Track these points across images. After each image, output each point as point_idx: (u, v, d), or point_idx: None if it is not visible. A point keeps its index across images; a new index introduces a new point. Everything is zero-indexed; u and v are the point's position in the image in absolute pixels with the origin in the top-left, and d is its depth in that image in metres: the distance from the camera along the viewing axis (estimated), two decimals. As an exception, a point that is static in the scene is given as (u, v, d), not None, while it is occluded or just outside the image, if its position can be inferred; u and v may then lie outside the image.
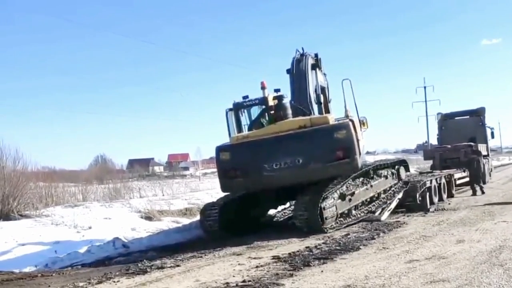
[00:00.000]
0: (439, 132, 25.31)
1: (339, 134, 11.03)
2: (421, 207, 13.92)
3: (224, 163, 11.48)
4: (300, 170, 10.96)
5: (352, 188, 11.82)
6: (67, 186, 23.85)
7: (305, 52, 12.85)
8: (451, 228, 10.38)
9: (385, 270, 6.73)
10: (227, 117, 12.62)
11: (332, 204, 10.89)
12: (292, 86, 12.59)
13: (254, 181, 11.23)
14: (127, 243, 11.32)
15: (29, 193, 17.40)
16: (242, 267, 7.58)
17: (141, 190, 26.32)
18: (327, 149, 11.00)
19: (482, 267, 6.51)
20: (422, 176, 16.75)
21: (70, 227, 13.70)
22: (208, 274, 7.26)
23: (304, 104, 12.18)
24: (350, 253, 8.17)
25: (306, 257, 7.95)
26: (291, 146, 11.04)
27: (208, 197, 18.73)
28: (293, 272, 6.92)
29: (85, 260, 10.02)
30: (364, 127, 13.15)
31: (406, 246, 8.55)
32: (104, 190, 24.32)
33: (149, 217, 15.87)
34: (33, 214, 15.74)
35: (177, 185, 30.87)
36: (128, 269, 8.11)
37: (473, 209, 13.57)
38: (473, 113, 24.71)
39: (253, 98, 12.52)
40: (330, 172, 11.12)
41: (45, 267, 9.69)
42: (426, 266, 6.82)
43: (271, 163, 11.02)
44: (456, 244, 8.39)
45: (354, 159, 11.09)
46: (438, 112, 26.88)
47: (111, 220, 14.96)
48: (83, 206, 17.67)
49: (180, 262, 8.52)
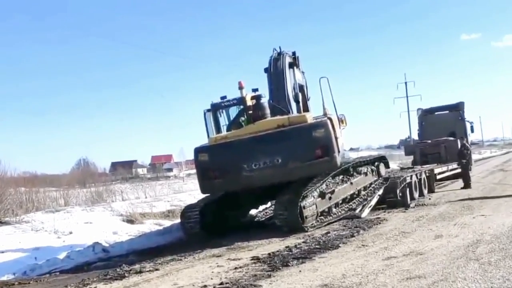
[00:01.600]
0: (420, 128, 25.44)
1: (317, 132, 11.06)
2: (401, 203, 13.99)
3: (203, 164, 11.45)
4: (279, 169, 10.96)
5: (332, 186, 11.84)
6: (48, 190, 23.58)
7: (282, 51, 12.81)
8: (430, 223, 10.47)
9: (362, 268, 6.76)
10: (205, 118, 12.59)
11: (312, 202, 10.91)
12: (270, 85, 12.55)
13: (233, 181, 11.20)
14: (108, 247, 11.21)
15: (8, 199, 17.16)
16: (220, 269, 7.56)
17: (123, 193, 26.07)
18: (306, 148, 11.01)
19: (458, 262, 6.57)
20: (402, 171, 16.86)
21: (51, 233, 13.51)
22: (187, 277, 7.23)
23: (282, 103, 12.14)
24: (329, 252, 8.19)
25: (285, 257, 7.94)
26: (269, 145, 11.04)
27: (191, 198, 18.59)
28: (271, 273, 6.91)
29: (64, 266, 9.89)
30: (343, 124, 13.20)
31: (384, 243, 8.60)
32: (86, 194, 24.08)
33: (131, 220, 15.70)
34: (12, 221, 15.46)
35: (160, 187, 30.64)
36: (106, 275, 8.04)
37: (453, 203, 13.69)
38: (453, 108, 24.87)
39: (231, 98, 12.52)
40: (309, 171, 11.14)
41: (23, 274, 9.52)
42: (403, 262, 6.87)
43: (250, 163, 11.02)
44: (434, 240, 8.47)
45: (333, 157, 11.12)
46: (418, 108, 27.01)
47: (92, 225, 14.78)
48: (64, 211, 17.42)
49: (159, 265, 8.47)
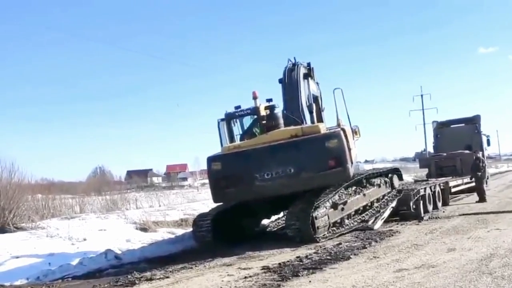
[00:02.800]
0: (435, 140, 25.28)
1: (331, 143, 11.04)
2: (415, 216, 13.87)
3: (215, 173, 11.44)
4: (292, 179, 10.95)
5: (345, 197, 11.80)
6: (64, 198, 23.83)
7: (297, 61, 12.84)
8: (443, 236, 10.37)
9: (373, 279, 6.72)
10: (219, 127, 12.63)
11: (324, 213, 10.89)
12: (284, 95, 12.56)
13: (246, 191, 11.19)
14: (120, 254, 11.26)
15: (25, 206, 17.37)
16: (231, 278, 7.56)
17: (137, 201, 26.24)
18: (319, 158, 11.00)
19: (471, 276, 6.50)
20: (416, 184, 16.74)
21: (65, 239, 13.63)
22: (197, 286, 7.25)
23: (296, 114, 12.15)
24: (340, 263, 8.15)
25: (295, 267, 7.93)
26: (282, 155, 11.04)
27: (204, 207, 18.65)
28: (281, 283, 6.90)
29: (76, 272, 9.95)
30: (357, 136, 13.18)
31: (396, 255, 8.53)
32: (102, 201, 24.28)
33: (144, 228, 15.79)
34: (28, 227, 15.66)
35: (174, 196, 30.87)
36: (117, 281, 8.08)
37: (467, 217, 13.54)
38: (469, 121, 24.68)
39: (245, 108, 12.57)
40: (322, 181, 11.12)
41: (36, 279, 9.60)
42: (415, 275, 6.81)
43: (263, 173, 11.02)
44: (447, 253, 8.38)
45: (346, 168, 11.09)
46: (433, 120, 26.85)
47: (106, 232, 14.90)
48: (79, 218, 17.62)
49: (170, 273, 8.48)
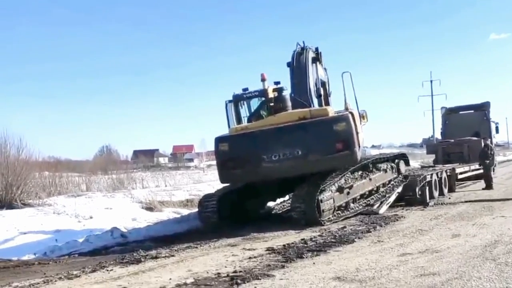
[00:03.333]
0: (443, 126, 25.10)
1: (339, 126, 11.02)
2: (420, 201, 13.89)
3: (223, 154, 11.49)
4: (299, 161, 10.96)
5: (351, 181, 11.81)
6: (71, 176, 24.01)
7: (305, 45, 12.81)
8: (448, 222, 10.38)
9: (376, 263, 6.75)
10: (226, 108, 12.69)
11: (329, 196, 10.91)
12: (292, 79, 12.55)
13: (253, 172, 11.23)
14: (126, 233, 11.39)
15: (32, 182, 17.54)
16: (235, 258, 7.62)
17: (144, 181, 26.42)
18: (327, 141, 10.98)
19: (475, 261, 6.51)
20: (423, 170, 16.71)
21: (72, 217, 13.78)
22: (201, 265, 7.31)
23: (304, 97, 12.14)
24: (344, 246, 8.20)
25: (300, 249, 7.98)
26: (290, 137, 11.04)
27: (210, 188, 18.70)
28: (285, 264, 6.95)
29: (82, 249, 10.10)
30: (364, 120, 13.14)
31: (401, 239, 8.56)
32: (108, 180, 24.45)
33: (150, 208, 15.91)
34: (35, 203, 15.83)
35: (180, 176, 31.00)
36: (123, 259, 8.16)
37: (473, 204, 13.51)
38: (478, 107, 24.46)
39: (253, 90, 12.57)
40: (329, 164, 11.13)
41: (43, 255, 9.76)
42: (418, 259, 6.84)
43: (270, 155, 11.03)
44: (451, 238, 8.39)
45: (353, 152, 11.08)
46: (442, 106, 26.71)
47: (112, 210, 15.04)
48: (86, 196, 17.78)
49: (175, 252, 8.57)
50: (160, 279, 6.55)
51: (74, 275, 7.17)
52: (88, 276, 7.10)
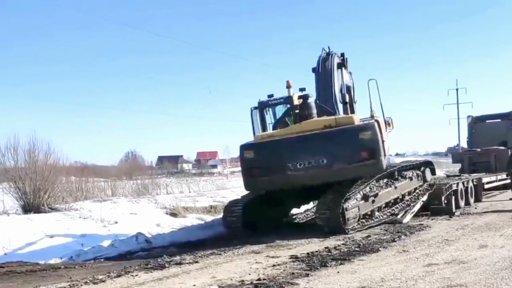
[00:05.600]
0: (469, 135, 24.80)
1: (365, 135, 10.94)
2: (446, 211, 13.68)
3: (248, 162, 11.50)
4: (324, 170, 10.92)
5: (376, 189, 11.70)
6: (97, 181, 24.35)
7: (331, 51, 12.76)
8: (475, 232, 10.21)
9: (402, 273, 6.68)
10: (252, 115, 12.72)
11: (354, 205, 10.82)
12: (317, 85, 12.52)
13: (277, 180, 11.20)
14: (150, 238, 11.49)
15: (59, 187, 17.81)
16: (259, 266, 7.63)
17: (168, 186, 26.59)
18: (352, 150, 10.94)
19: (503, 273, 6.39)
20: (449, 179, 16.48)
21: (97, 221, 13.94)
22: (225, 271, 7.33)
23: (329, 104, 12.11)
24: (368, 255, 8.13)
25: (324, 258, 7.94)
26: (315, 145, 11.00)
27: (233, 195, 18.76)
28: (309, 272, 6.93)
29: (108, 254, 10.22)
30: (390, 127, 13.02)
31: (426, 249, 8.44)
32: (133, 185, 24.70)
33: (174, 214, 16.00)
34: (62, 208, 16.09)
35: (204, 182, 31.10)
36: (147, 264, 8.25)
37: (500, 214, 13.26)
38: (505, 116, 24.06)
39: (278, 97, 12.58)
40: (354, 173, 11.07)
41: (69, 259, 9.90)
42: (444, 270, 6.74)
43: (295, 163, 11.00)
44: (478, 249, 8.25)
45: (379, 160, 11.00)
46: (468, 115, 26.33)
47: (137, 216, 15.16)
48: (111, 201, 18.00)
49: (199, 258, 8.61)
50: (184, 285, 6.60)
51: (100, 279, 7.26)
52: (113, 281, 7.19)
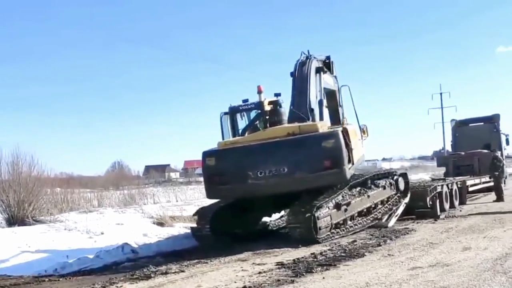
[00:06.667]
0: (453, 139, 25.10)
1: (328, 143, 10.56)
2: (431, 214, 13.81)
3: (209, 169, 11.14)
4: (285, 179, 10.54)
5: (348, 198, 11.31)
6: (83, 192, 24.18)
7: (310, 55, 12.41)
8: (459, 235, 10.32)
9: (387, 277, 6.73)
10: (221, 121, 12.30)
11: (326, 213, 10.42)
12: (293, 90, 12.07)
13: (238, 188, 10.84)
14: (136, 248, 11.39)
15: (44, 199, 17.64)
16: (245, 273, 7.63)
17: (155, 196, 26.53)
18: (314, 158, 10.55)
19: (485, 275, 6.48)
20: (433, 182, 16.64)
21: (83, 233, 13.82)
22: (211, 280, 7.33)
23: (303, 110, 11.61)
24: (354, 260, 8.17)
25: (310, 264, 7.97)
26: (276, 153, 10.63)
27: (220, 203, 18.75)
28: (295, 279, 6.95)
29: (93, 265, 10.10)
30: (364, 135, 12.90)
31: (411, 253, 8.52)
32: (119, 196, 24.59)
33: (161, 223, 15.91)
34: (47, 220, 15.92)
35: (191, 191, 31.01)
36: (133, 274, 8.20)
37: (484, 216, 13.42)
38: (488, 120, 24.44)
39: (250, 102, 12.16)
40: (316, 182, 10.56)
41: (54, 272, 9.75)
42: (429, 273, 6.81)
43: (256, 171, 10.63)
44: (462, 252, 8.36)
45: (342, 170, 10.62)
46: (452, 119, 26.62)
47: (123, 226, 15.05)
48: (97, 212, 17.87)
49: (185, 267, 8.58)
50: (169, 295, 6.58)
51: (85, 291, 7.22)
52: (99, 292, 7.15)
